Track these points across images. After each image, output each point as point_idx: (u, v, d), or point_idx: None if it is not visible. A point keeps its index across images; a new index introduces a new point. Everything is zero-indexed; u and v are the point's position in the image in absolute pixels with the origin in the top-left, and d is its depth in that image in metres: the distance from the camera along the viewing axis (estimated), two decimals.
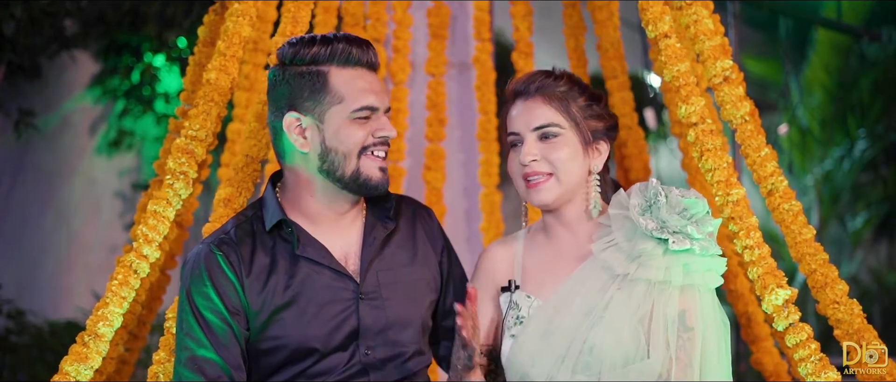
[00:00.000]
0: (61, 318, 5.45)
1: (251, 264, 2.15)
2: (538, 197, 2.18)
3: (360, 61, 2.16)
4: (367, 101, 2.15)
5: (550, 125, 2.17)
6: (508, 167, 2.23)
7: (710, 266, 2.09)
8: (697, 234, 2.07)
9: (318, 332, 2.13)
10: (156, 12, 5.63)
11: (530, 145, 2.17)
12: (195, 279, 2.15)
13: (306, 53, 2.15)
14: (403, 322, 2.21)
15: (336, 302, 2.16)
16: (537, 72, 2.24)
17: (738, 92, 2.45)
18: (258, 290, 2.14)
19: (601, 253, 2.13)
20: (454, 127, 4.07)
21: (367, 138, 2.15)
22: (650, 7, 2.49)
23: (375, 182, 2.17)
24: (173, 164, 2.51)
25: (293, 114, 2.16)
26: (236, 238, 2.18)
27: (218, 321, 2.12)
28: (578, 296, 2.11)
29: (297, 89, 2.16)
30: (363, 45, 2.18)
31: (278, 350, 2.14)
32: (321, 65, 2.15)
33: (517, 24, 3.65)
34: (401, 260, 2.26)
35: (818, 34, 8.06)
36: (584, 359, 2.05)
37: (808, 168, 8.08)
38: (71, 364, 2.37)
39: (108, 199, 6.18)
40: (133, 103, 6.10)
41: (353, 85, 2.15)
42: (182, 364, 2.12)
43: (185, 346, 2.12)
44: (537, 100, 2.19)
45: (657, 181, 2.15)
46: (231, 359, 2.11)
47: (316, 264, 2.17)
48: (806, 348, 2.30)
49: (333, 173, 2.16)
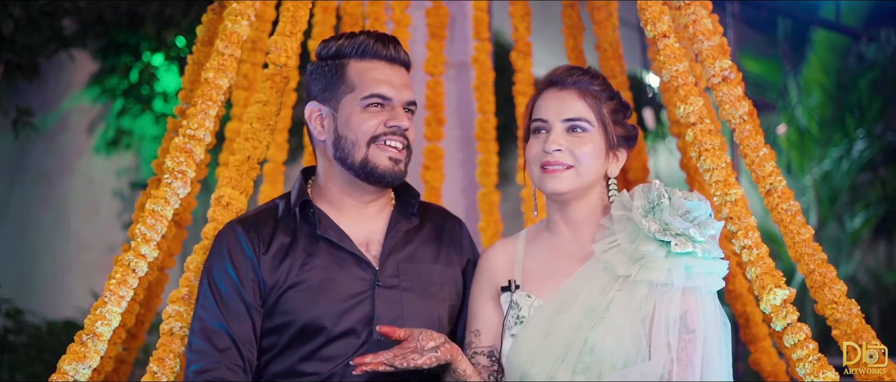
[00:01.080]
0: (59, 317, 5.44)
1: (270, 242, 2.22)
2: (553, 184, 2.17)
3: (378, 54, 2.24)
4: (377, 90, 2.21)
5: (581, 119, 2.18)
6: (527, 152, 2.23)
7: (712, 269, 2.09)
8: (700, 237, 2.07)
9: (328, 310, 2.16)
10: (154, 12, 5.63)
11: (558, 134, 2.18)
12: (215, 254, 2.23)
13: (332, 47, 2.27)
14: (418, 316, 2.22)
15: (352, 286, 2.20)
16: (575, 67, 2.26)
17: (736, 92, 2.45)
18: (275, 266, 2.20)
19: (603, 254, 2.13)
20: (453, 126, 4.07)
21: (378, 128, 2.21)
22: (649, 7, 2.49)
23: (382, 170, 2.21)
24: (172, 163, 2.51)
25: (314, 103, 2.27)
26: (258, 219, 2.26)
27: (233, 294, 2.18)
28: (579, 297, 2.11)
29: (320, 80, 2.26)
30: (384, 39, 2.26)
31: (288, 327, 2.17)
32: (343, 58, 2.25)
33: (516, 23, 3.65)
34: (423, 257, 2.30)
35: (817, 35, 8.07)
36: (585, 360, 2.05)
37: (806, 168, 8.08)
38: (69, 364, 2.37)
39: (107, 198, 6.17)
40: (131, 102, 6.09)
41: (367, 75, 2.22)
42: (194, 333, 2.19)
43: (199, 317, 2.20)
44: (572, 92, 2.20)
45: (660, 183, 2.15)
46: (242, 333, 2.17)
47: (335, 247, 2.22)
48: (804, 348, 2.30)
49: (345, 160, 2.23)
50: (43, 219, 5.95)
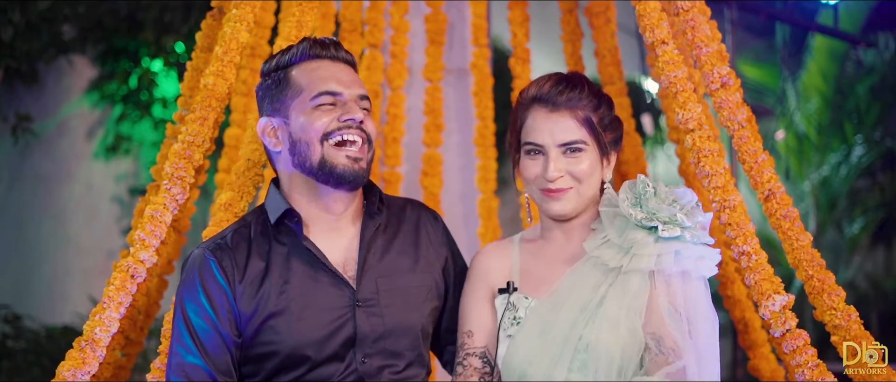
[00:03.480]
0: (58, 323, 5.44)
1: (245, 270, 2.14)
2: (559, 207, 2.17)
3: (318, 55, 2.19)
4: (325, 87, 2.14)
5: (577, 142, 2.16)
6: (524, 172, 2.20)
7: (701, 253, 2.09)
8: (688, 222, 2.08)
9: (311, 338, 2.11)
10: (154, 17, 5.64)
11: (557, 161, 2.15)
12: (188, 284, 2.15)
13: (273, 61, 2.22)
14: (401, 329, 2.18)
15: (332, 309, 2.14)
16: (559, 82, 2.19)
17: (735, 97, 2.46)
18: (251, 296, 2.12)
19: (595, 251, 2.13)
20: (451, 132, 4.07)
21: (331, 123, 2.13)
22: (648, 13, 2.49)
23: (341, 169, 2.13)
24: (171, 169, 2.51)
25: (264, 119, 2.20)
26: (232, 243, 2.18)
27: (207, 327, 2.11)
28: (573, 294, 2.11)
29: (267, 96, 2.20)
30: (324, 41, 2.20)
31: (271, 357, 2.12)
32: (285, 68, 2.19)
33: (515, 30, 3.65)
34: (401, 267, 2.24)
35: (815, 40, 8.08)
36: (581, 357, 2.05)
37: (805, 174, 8.09)
38: (68, 369, 2.36)
39: (106, 204, 6.17)
40: (130, 108, 6.09)
41: (313, 74, 2.16)
42: (171, 369, 2.12)
43: (174, 352, 2.13)
44: (564, 114, 2.16)
45: (645, 176, 2.16)
46: (219, 366, 2.11)
47: (312, 269, 2.16)
48: (803, 354, 2.30)
49: (303, 164, 2.15)
50: (42, 225, 5.95)
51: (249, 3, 2.68)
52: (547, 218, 2.25)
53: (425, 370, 2.24)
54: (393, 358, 2.17)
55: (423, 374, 2.24)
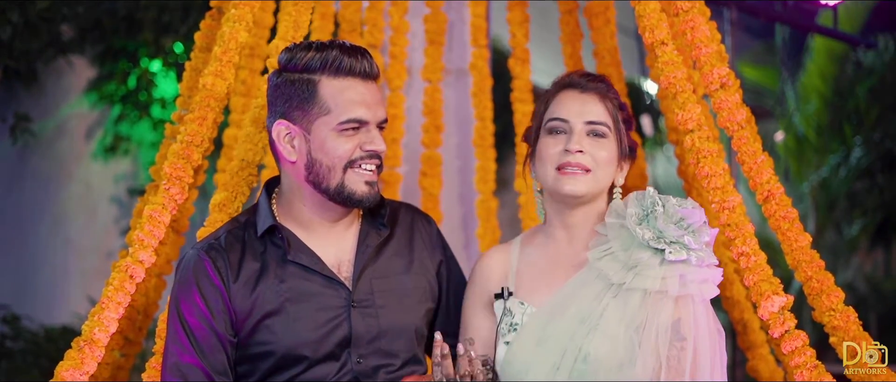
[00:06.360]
0: (57, 323, 5.44)
1: (239, 270, 2.14)
2: (571, 186, 2.17)
3: (352, 71, 2.12)
4: (354, 114, 2.11)
5: (602, 123, 2.20)
6: (541, 150, 2.21)
7: (706, 276, 2.10)
8: (694, 245, 2.07)
9: (307, 339, 2.11)
10: (152, 18, 5.63)
11: (581, 136, 2.18)
12: (182, 285, 2.15)
13: (300, 60, 2.13)
14: (396, 330, 2.19)
15: (327, 310, 2.15)
16: (591, 73, 2.28)
17: (734, 98, 2.46)
18: (246, 296, 2.13)
19: (597, 262, 2.13)
20: (451, 133, 4.07)
21: (354, 151, 2.12)
22: (647, 13, 2.49)
23: (360, 196, 2.14)
24: (169, 169, 2.51)
25: (283, 123, 2.15)
26: (226, 244, 2.18)
27: (202, 327, 2.11)
28: (573, 304, 2.11)
29: (289, 97, 2.14)
30: (357, 54, 2.13)
31: (267, 357, 2.13)
32: (313, 74, 2.12)
33: (514, 30, 3.65)
34: (396, 268, 2.25)
35: (815, 42, 8.08)
36: (579, 367, 2.05)
37: (804, 175, 8.09)
38: (67, 370, 2.36)
39: (105, 204, 6.16)
40: (129, 108, 6.09)
41: (342, 96, 2.11)
42: (167, 369, 2.12)
43: (170, 352, 2.13)
44: (593, 96, 2.22)
45: (654, 190, 2.15)
46: (214, 366, 2.11)
47: (307, 270, 2.16)
48: (802, 355, 2.30)
49: (319, 184, 2.14)
50: (41, 225, 5.95)
51: (248, 4, 2.68)
52: (552, 213, 2.25)
53: (421, 370, 2.25)
54: (389, 358, 2.18)
55: (420, 374, 2.24)
